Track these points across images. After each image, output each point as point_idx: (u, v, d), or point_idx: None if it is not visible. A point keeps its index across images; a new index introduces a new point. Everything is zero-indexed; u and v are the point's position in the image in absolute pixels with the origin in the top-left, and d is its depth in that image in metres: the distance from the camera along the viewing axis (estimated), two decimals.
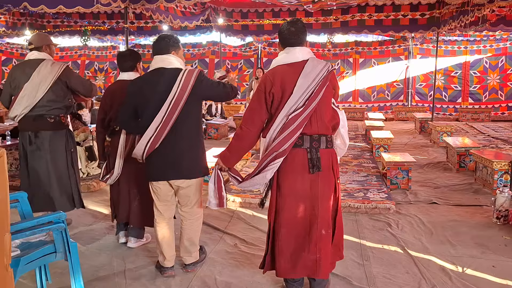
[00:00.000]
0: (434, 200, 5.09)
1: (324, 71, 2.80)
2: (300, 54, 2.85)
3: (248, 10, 9.49)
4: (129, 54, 3.91)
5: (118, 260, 3.62)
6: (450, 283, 3.21)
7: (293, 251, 2.88)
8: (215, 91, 3.32)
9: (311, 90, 2.75)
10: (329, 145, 2.87)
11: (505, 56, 12.60)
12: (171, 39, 3.24)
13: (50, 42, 4.27)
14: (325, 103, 2.84)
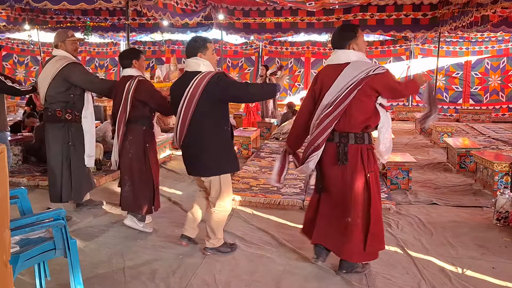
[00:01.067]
0: (434, 201, 5.08)
1: (362, 74, 3.00)
2: (343, 56, 3.12)
3: (250, 8, 9.48)
4: (126, 52, 4.26)
5: (117, 258, 3.61)
6: (450, 284, 3.20)
7: (326, 225, 3.30)
8: (236, 92, 3.42)
9: (342, 92, 3.02)
10: (358, 141, 3.13)
11: (506, 57, 12.59)
12: (197, 42, 3.47)
13: (65, 38, 4.39)
14: (357, 105, 3.06)
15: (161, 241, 3.99)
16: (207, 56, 3.46)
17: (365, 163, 3.15)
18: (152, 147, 4.21)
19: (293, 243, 3.90)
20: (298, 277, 3.32)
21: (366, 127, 3.14)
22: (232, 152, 3.59)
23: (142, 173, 4.10)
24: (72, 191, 4.45)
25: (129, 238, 4.04)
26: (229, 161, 3.54)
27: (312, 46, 13.73)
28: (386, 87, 3.10)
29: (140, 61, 4.17)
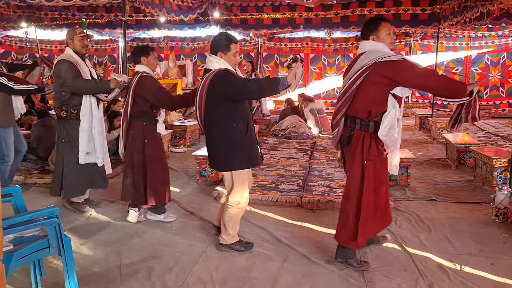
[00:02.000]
0: (433, 197, 5.06)
1: (370, 62, 3.16)
2: (362, 46, 3.35)
3: (247, 4, 9.40)
4: (134, 50, 4.35)
5: (113, 256, 3.60)
6: (448, 280, 3.19)
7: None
8: (235, 88, 3.40)
9: (352, 77, 3.23)
10: (363, 128, 3.24)
11: (506, 53, 12.52)
12: (221, 40, 3.48)
13: (73, 36, 4.40)
14: (363, 91, 3.20)
15: (158, 238, 3.97)
16: (227, 57, 3.47)
17: (365, 151, 3.24)
18: (151, 143, 4.22)
19: (291, 240, 3.88)
20: (295, 274, 3.30)
21: (369, 113, 3.21)
22: (246, 149, 3.49)
23: (140, 168, 4.21)
24: (62, 187, 4.50)
25: (126, 236, 4.03)
26: (241, 158, 3.49)
27: (311, 42, 13.66)
28: (397, 75, 3.14)
29: (149, 58, 4.24)
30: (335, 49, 13.46)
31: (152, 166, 4.23)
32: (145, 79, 4.15)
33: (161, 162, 4.35)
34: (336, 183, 5.40)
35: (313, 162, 6.63)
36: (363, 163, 3.24)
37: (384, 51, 3.20)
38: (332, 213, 4.57)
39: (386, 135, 3.18)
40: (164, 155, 4.46)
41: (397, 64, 3.16)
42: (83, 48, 4.43)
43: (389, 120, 3.19)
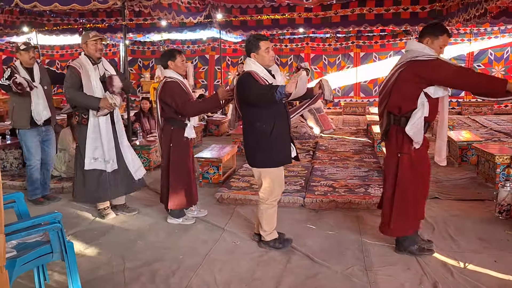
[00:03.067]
0: (436, 195, 5.05)
1: (404, 61, 3.37)
2: (409, 45, 3.52)
3: (247, 6, 9.41)
4: (163, 53, 4.37)
5: (117, 259, 3.61)
6: (452, 278, 3.18)
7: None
8: (243, 93, 3.54)
9: (389, 75, 3.51)
10: (396, 122, 3.43)
11: (510, 47, 12.44)
12: (250, 42, 3.55)
13: (86, 40, 4.41)
14: (396, 88, 3.38)
15: (161, 242, 3.98)
16: (259, 56, 3.53)
17: (398, 144, 3.44)
18: (176, 148, 4.27)
19: (294, 241, 3.87)
20: (298, 275, 3.30)
21: (400, 109, 3.37)
22: (270, 149, 3.55)
23: (165, 171, 4.36)
24: (73, 191, 4.64)
25: (130, 239, 4.04)
26: (265, 157, 3.58)
27: (312, 42, 13.66)
28: (428, 73, 3.25)
29: (176, 61, 4.23)
30: (336, 48, 13.45)
31: (174, 170, 4.29)
32: (168, 84, 4.19)
33: (185, 167, 4.33)
34: (338, 183, 5.40)
35: (315, 162, 6.63)
36: (397, 156, 3.44)
37: (422, 52, 3.32)
38: (335, 213, 4.57)
39: (410, 130, 3.31)
40: (190, 160, 4.41)
41: (428, 63, 3.26)
42: (96, 52, 4.41)
43: (416, 118, 3.29)
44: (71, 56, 15.21)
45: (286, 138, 3.64)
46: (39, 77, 4.90)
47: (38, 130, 4.94)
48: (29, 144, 4.90)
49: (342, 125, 10.59)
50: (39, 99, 4.85)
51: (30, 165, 4.95)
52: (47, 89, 4.96)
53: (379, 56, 13.31)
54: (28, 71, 4.84)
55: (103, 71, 4.46)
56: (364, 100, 13.35)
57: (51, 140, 5.15)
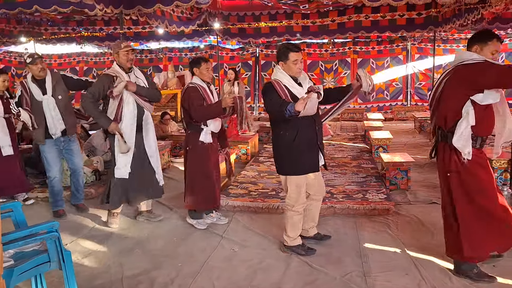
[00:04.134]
0: (434, 200, 5.05)
1: (451, 68, 3.21)
2: (456, 56, 3.31)
3: (245, 14, 9.48)
4: (190, 61, 4.48)
5: (116, 268, 3.60)
6: (450, 283, 3.18)
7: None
8: (265, 105, 3.71)
9: (435, 87, 3.33)
10: (443, 139, 3.26)
11: (505, 53, 12.53)
12: (280, 51, 3.62)
13: (118, 50, 4.42)
14: (443, 97, 3.21)
15: (160, 249, 3.98)
16: (287, 65, 3.56)
17: (446, 162, 3.25)
18: (192, 151, 4.35)
19: None
20: (297, 282, 3.29)
21: (445, 121, 3.20)
22: (293, 157, 3.61)
23: (184, 173, 4.47)
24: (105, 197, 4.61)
25: (128, 247, 4.03)
26: (287, 165, 3.67)
27: (308, 48, 13.70)
28: (475, 74, 3.06)
29: (201, 68, 4.31)
30: (332, 54, 13.50)
31: (190, 173, 4.40)
32: (187, 89, 4.31)
33: (201, 170, 4.35)
34: (336, 189, 5.41)
35: None
36: (447, 175, 3.25)
37: (469, 58, 3.15)
38: (333, 219, 4.58)
39: (457, 141, 3.13)
40: (207, 163, 4.37)
41: (476, 65, 3.10)
42: (127, 62, 4.41)
43: (462, 128, 3.11)
44: (69, 65, 15.24)
45: (311, 146, 3.64)
46: (52, 88, 4.72)
47: (55, 141, 4.79)
48: (47, 156, 4.79)
49: (340, 131, 10.61)
50: (51, 112, 4.69)
51: (49, 176, 4.84)
52: (61, 99, 4.76)
53: (376, 62, 13.34)
54: (39, 84, 4.70)
55: (135, 80, 4.47)
56: (362, 106, 13.37)
57: (74, 149, 4.96)
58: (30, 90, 4.70)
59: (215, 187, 4.45)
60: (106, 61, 14.95)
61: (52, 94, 4.72)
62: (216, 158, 4.52)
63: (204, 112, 4.23)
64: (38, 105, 4.67)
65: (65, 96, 4.85)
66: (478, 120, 3.09)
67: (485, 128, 3.19)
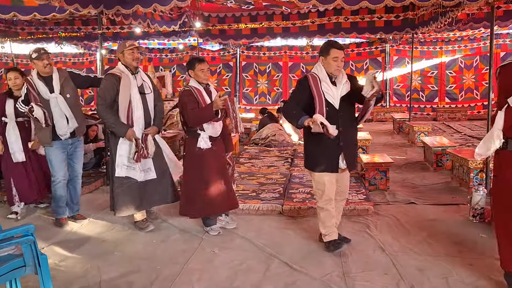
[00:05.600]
0: (412, 200, 5.13)
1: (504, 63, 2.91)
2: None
3: (225, 15, 9.46)
4: (186, 63, 4.42)
5: (93, 271, 3.54)
6: (428, 282, 3.22)
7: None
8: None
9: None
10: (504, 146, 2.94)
11: (479, 56, 12.82)
12: (322, 45, 3.68)
13: (123, 49, 4.29)
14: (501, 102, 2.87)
15: (138, 252, 3.93)
16: (326, 61, 3.60)
17: (495, 166, 3.11)
18: (188, 156, 4.26)
19: (273, 248, 3.88)
20: (278, 283, 3.29)
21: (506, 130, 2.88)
22: (314, 154, 3.73)
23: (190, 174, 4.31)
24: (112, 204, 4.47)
25: (106, 251, 3.98)
26: (310, 161, 3.79)
27: (289, 50, 13.78)
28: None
29: (196, 70, 4.16)
30: (313, 56, 13.59)
31: (186, 178, 4.31)
32: (181, 93, 4.24)
33: (199, 176, 4.19)
34: None
35: (293, 169, 6.66)
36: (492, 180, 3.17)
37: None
38: (314, 220, 4.59)
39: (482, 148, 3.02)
40: (206, 170, 4.19)
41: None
42: (133, 61, 4.28)
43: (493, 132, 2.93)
44: None
45: (332, 147, 3.62)
46: (59, 85, 4.45)
47: (63, 144, 4.52)
48: (52, 158, 4.50)
49: None
50: (60, 111, 4.41)
51: (54, 181, 4.55)
52: (70, 97, 4.48)
53: (355, 64, 13.49)
54: (45, 81, 4.40)
55: (141, 82, 4.35)
56: None
57: (78, 154, 4.73)
58: (36, 87, 4.37)
59: (218, 193, 4.22)
60: (85, 61, 14.76)
61: (60, 92, 4.44)
62: (220, 163, 4.32)
63: (197, 116, 4.09)
64: (45, 103, 4.36)
65: (74, 95, 4.60)
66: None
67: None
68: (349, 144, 3.74)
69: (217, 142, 4.27)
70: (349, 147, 3.74)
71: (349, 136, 3.71)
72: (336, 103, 3.61)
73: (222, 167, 4.34)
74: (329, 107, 3.58)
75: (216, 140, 4.26)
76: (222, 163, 4.35)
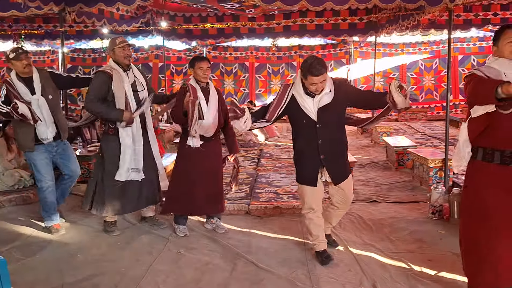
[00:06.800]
0: (374, 198, 5.26)
1: None
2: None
3: (191, 15, 9.39)
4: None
5: (56, 275, 3.46)
6: (390, 279, 3.31)
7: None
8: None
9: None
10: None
11: (438, 59, 13.29)
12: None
13: (113, 47, 4.11)
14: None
15: (102, 254, 3.87)
16: (306, 82, 3.35)
17: (466, 177, 2.92)
18: (178, 154, 4.23)
19: (239, 248, 3.91)
20: (244, 282, 3.32)
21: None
22: (298, 165, 3.62)
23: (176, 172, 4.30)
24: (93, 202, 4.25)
25: (69, 253, 3.89)
26: (297, 172, 3.66)
27: (256, 51, 13.84)
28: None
29: (195, 68, 4.06)
30: (279, 57, 13.71)
31: (173, 176, 4.27)
32: (178, 90, 4.19)
33: (184, 174, 4.15)
34: (282, 189, 5.50)
35: (260, 169, 6.71)
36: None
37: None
38: (279, 219, 4.65)
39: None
40: (191, 168, 4.12)
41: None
42: (125, 58, 4.11)
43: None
44: (5, 63, 14.41)
45: (312, 159, 3.48)
46: (40, 86, 4.23)
47: (47, 147, 4.29)
48: (37, 163, 4.25)
49: (286, 133, 10.76)
50: (42, 114, 4.18)
51: (42, 187, 4.30)
52: (52, 99, 4.28)
53: None
54: (25, 82, 4.18)
55: (133, 79, 4.20)
56: None
57: (69, 153, 4.51)
58: (16, 89, 4.15)
59: (202, 194, 4.14)
60: (46, 60, 14.35)
61: (42, 93, 4.23)
62: (210, 165, 4.19)
63: (173, 114, 4.11)
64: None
65: (56, 96, 4.41)
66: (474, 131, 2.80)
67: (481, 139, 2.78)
68: (333, 156, 3.49)
69: (211, 143, 4.17)
70: (333, 159, 3.50)
71: (332, 149, 3.47)
72: (313, 115, 3.40)
73: (211, 169, 4.21)
74: (305, 119, 3.42)
75: (210, 141, 4.16)
76: (212, 165, 4.21)
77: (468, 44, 13.06)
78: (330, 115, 3.40)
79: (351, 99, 3.48)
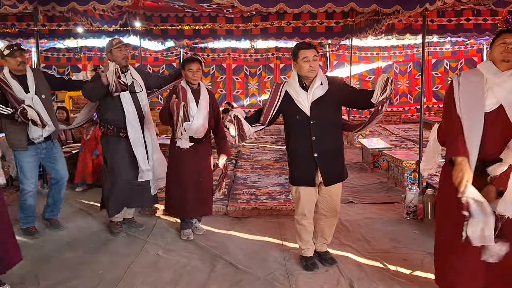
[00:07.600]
0: (351, 199, 5.35)
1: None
2: None
3: (168, 15, 9.34)
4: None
5: (31, 279, 3.40)
6: (366, 278, 3.38)
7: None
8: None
9: None
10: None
11: (412, 62, 13.59)
12: (292, 49, 3.47)
13: (110, 48, 4.10)
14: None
15: (79, 257, 3.82)
16: (298, 65, 3.32)
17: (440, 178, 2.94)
18: (170, 156, 4.20)
19: (218, 249, 3.91)
20: (223, 283, 3.33)
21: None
22: (292, 166, 3.48)
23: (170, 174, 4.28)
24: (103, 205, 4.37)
25: (45, 256, 3.83)
26: (290, 173, 3.54)
27: (233, 52, 13.86)
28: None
29: (185, 70, 4.06)
30: (257, 59, 13.76)
31: (167, 177, 4.25)
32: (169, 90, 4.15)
33: (175, 176, 4.14)
34: (260, 190, 5.53)
35: (237, 170, 6.72)
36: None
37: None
38: (257, 220, 4.68)
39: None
40: (181, 170, 4.10)
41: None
42: (123, 59, 4.08)
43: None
44: None
45: (306, 158, 3.34)
46: (34, 85, 4.15)
47: (36, 149, 4.19)
48: (24, 165, 4.16)
49: (263, 134, 10.82)
50: (35, 113, 4.04)
51: (24, 189, 4.19)
52: (45, 98, 4.20)
53: None
54: (19, 80, 4.09)
55: (131, 80, 4.14)
56: None
57: (57, 155, 4.39)
58: (10, 87, 4.04)
59: (191, 196, 4.10)
60: None
61: (36, 92, 4.15)
62: (200, 166, 4.14)
63: (160, 115, 4.03)
64: (19, 104, 4.01)
65: (49, 96, 4.32)
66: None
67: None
68: (327, 155, 3.35)
69: (201, 145, 4.13)
70: (327, 158, 3.36)
71: (326, 147, 3.34)
72: (306, 110, 3.29)
73: (201, 171, 4.16)
74: (299, 114, 3.32)
75: (201, 143, 4.13)
76: (201, 167, 4.16)
77: (441, 48, 13.39)
78: (324, 110, 3.28)
79: (346, 96, 3.36)
